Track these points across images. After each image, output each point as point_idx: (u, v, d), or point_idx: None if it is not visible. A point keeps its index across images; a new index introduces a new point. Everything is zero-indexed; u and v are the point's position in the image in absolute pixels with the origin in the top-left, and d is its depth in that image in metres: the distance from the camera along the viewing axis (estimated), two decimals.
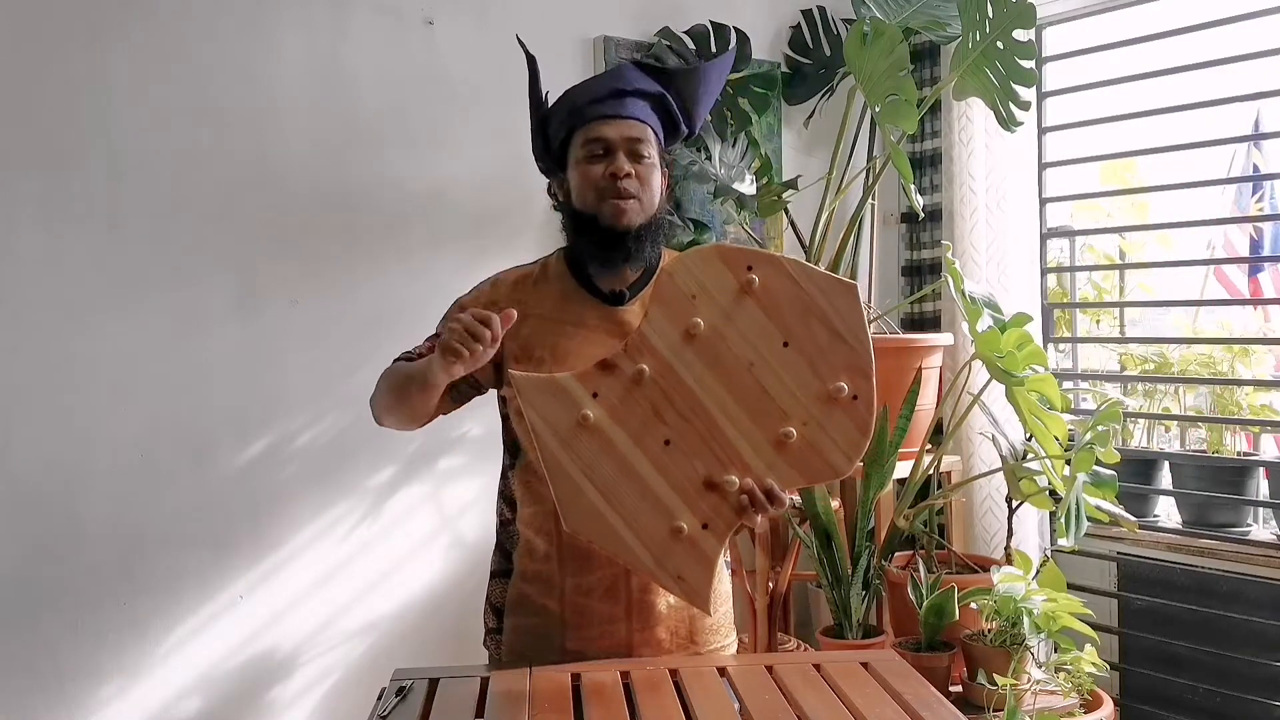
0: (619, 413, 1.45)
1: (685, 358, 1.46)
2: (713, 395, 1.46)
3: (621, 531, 1.45)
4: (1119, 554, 2.89)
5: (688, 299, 1.46)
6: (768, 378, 1.46)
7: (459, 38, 2.70)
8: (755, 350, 1.46)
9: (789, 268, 1.47)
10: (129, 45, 2.32)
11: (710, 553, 1.47)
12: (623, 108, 1.58)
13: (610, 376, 1.45)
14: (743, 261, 1.47)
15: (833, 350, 1.46)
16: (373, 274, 2.61)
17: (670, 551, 1.45)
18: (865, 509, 2.58)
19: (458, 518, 2.73)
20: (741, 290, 1.46)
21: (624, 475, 1.45)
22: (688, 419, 1.45)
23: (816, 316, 1.47)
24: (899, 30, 2.54)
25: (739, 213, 2.83)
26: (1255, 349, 2.98)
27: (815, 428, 1.46)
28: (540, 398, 1.45)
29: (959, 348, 2.99)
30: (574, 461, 1.44)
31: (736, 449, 1.46)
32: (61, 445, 2.27)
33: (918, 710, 1.38)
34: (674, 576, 1.46)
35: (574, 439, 1.44)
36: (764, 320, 1.46)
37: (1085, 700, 2.36)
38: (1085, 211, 3.50)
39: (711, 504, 1.46)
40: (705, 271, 1.47)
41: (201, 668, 2.42)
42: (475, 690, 1.47)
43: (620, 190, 1.55)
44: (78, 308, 2.28)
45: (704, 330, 1.45)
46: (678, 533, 1.45)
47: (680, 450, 1.46)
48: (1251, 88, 2.72)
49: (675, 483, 1.45)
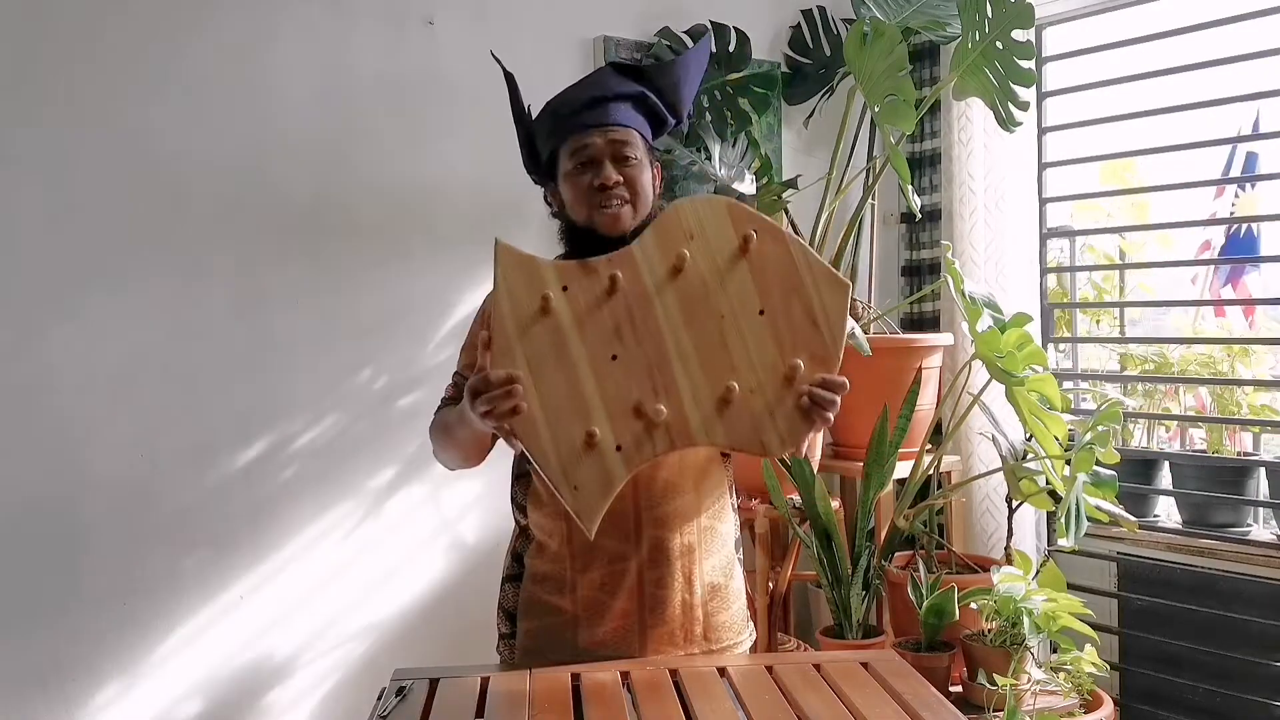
0: (581, 314, 1.44)
1: (662, 287, 1.46)
2: (675, 331, 1.45)
3: (539, 425, 1.42)
4: (1119, 554, 2.89)
5: (684, 236, 1.46)
6: (733, 335, 1.45)
7: (459, 38, 2.70)
8: (730, 306, 1.46)
9: (790, 245, 1.47)
10: (129, 45, 2.32)
11: (614, 472, 1.43)
12: (605, 115, 1.59)
13: (587, 278, 1.45)
14: (748, 223, 1.47)
15: (804, 333, 1.45)
16: (373, 274, 2.61)
17: (578, 459, 1.42)
18: (865, 509, 2.58)
19: (458, 519, 2.73)
20: (738, 248, 1.46)
21: (562, 371, 1.43)
22: (642, 344, 1.45)
23: (800, 299, 1.46)
24: (899, 30, 2.54)
25: None
26: (1255, 349, 2.98)
27: (760, 399, 1.44)
28: (515, 273, 1.44)
29: (959, 348, 2.99)
30: (521, 343, 1.43)
31: (678, 389, 1.44)
32: (61, 446, 2.27)
33: (918, 710, 1.38)
34: (571, 485, 1.43)
35: (530, 322, 1.43)
36: (749, 282, 1.46)
37: (1085, 700, 2.36)
38: (1085, 211, 3.50)
39: (632, 429, 1.43)
40: (710, 218, 1.47)
41: (202, 668, 2.42)
42: (475, 690, 1.47)
43: (610, 199, 1.57)
44: (78, 308, 2.28)
45: (689, 268, 1.45)
46: (590, 438, 1.42)
47: (624, 369, 1.44)
48: (1250, 88, 2.72)
49: (606, 395, 1.43)
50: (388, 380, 2.64)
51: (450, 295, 2.70)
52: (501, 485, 1.73)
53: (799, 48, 3.22)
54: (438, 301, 2.69)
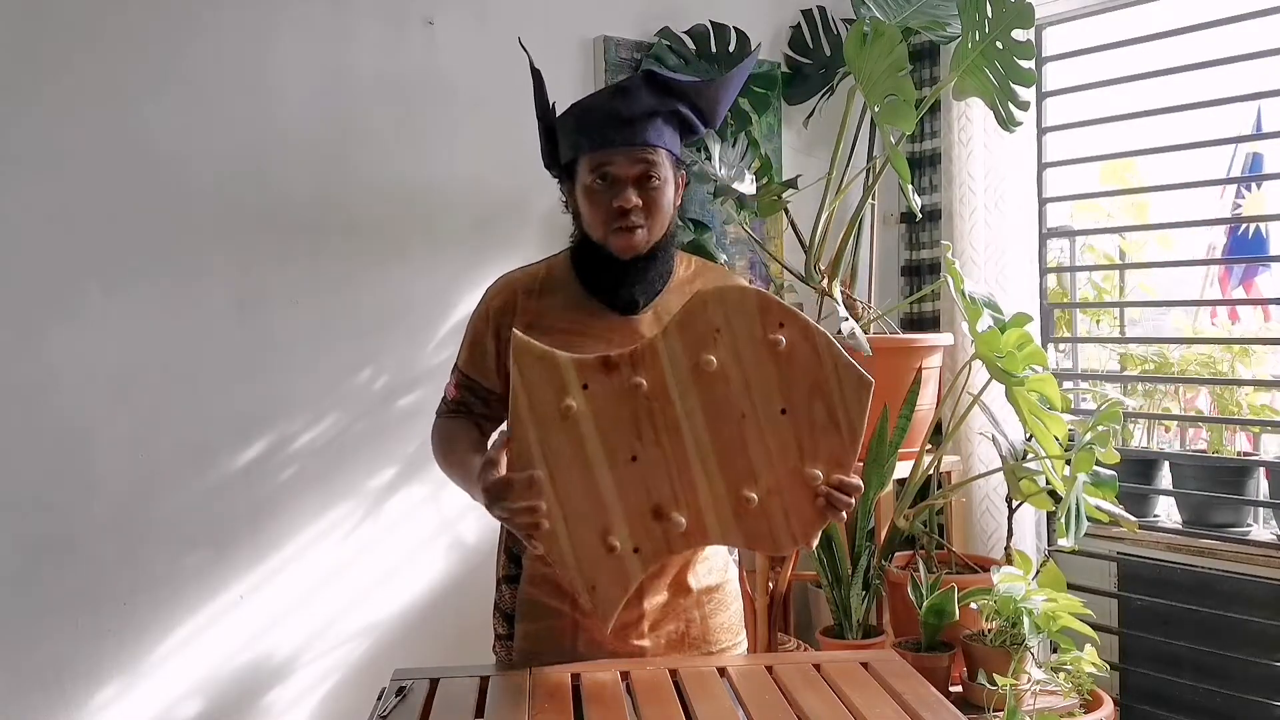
0: (602, 412, 1.43)
1: (685, 386, 1.44)
2: (695, 431, 1.44)
3: (558, 527, 1.42)
4: (1119, 554, 2.89)
5: (711, 331, 1.44)
6: (753, 435, 1.45)
7: (459, 38, 2.70)
8: (752, 405, 1.44)
9: (817, 339, 1.45)
10: (130, 45, 2.32)
11: (631, 574, 1.45)
12: (633, 135, 1.52)
13: (607, 375, 1.43)
14: (776, 317, 1.45)
15: (825, 435, 1.45)
16: (373, 274, 2.61)
17: (596, 562, 1.43)
18: (865, 509, 2.58)
19: (458, 519, 2.72)
20: (764, 344, 1.44)
21: (581, 473, 1.42)
22: (662, 444, 1.44)
23: (823, 399, 1.45)
24: (899, 30, 2.54)
25: (739, 212, 2.83)
26: (1255, 349, 2.98)
27: (777, 501, 1.45)
28: (534, 369, 1.42)
29: (959, 348, 2.99)
30: (540, 443, 1.42)
31: (695, 490, 1.44)
32: (61, 445, 2.27)
33: (918, 710, 1.38)
34: (588, 585, 1.44)
35: (549, 422, 1.42)
36: (774, 379, 1.44)
37: (1085, 700, 2.36)
38: (1085, 211, 3.50)
39: (651, 531, 1.44)
40: (738, 312, 1.44)
41: (202, 668, 2.42)
42: (475, 690, 1.47)
43: (627, 223, 1.54)
44: (78, 308, 2.28)
45: (714, 369, 1.44)
46: (611, 549, 1.43)
47: (643, 470, 1.43)
48: (1251, 87, 2.72)
49: (626, 499, 1.43)
50: (388, 380, 2.64)
51: (450, 295, 2.70)
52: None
53: (799, 48, 3.22)
54: (437, 301, 2.69)
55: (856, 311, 2.91)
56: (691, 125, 1.60)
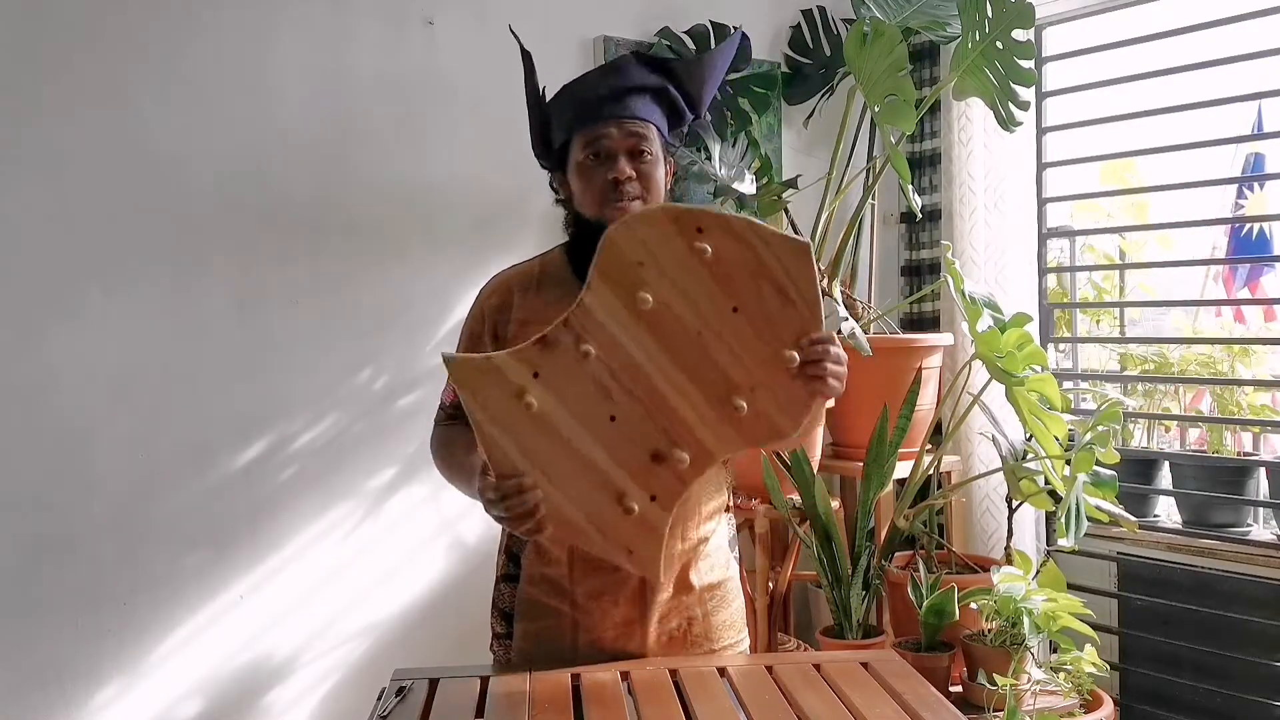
0: (562, 391, 1.40)
1: (632, 332, 1.40)
2: (661, 368, 1.41)
3: (567, 509, 1.41)
4: (1119, 554, 2.89)
5: (634, 266, 1.40)
6: (715, 345, 1.41)
7: (459, 38, 2.70)
8: (703, 318, 1.41)
9: (738, 228, 1.41)
10: (130, 45, 2.32)
11: (658, 523, 1.42)
12: (624, 107, 1.55)
13: (552, 353, 1.40)
14: (692, 223, 1.40)
15: (783, 315, 1.41)
16: (373, 274, 2.61)
17: (618, 527, 1.41)
18: (865, 509, 2.58)
19: (458, 519, 2.72)
20: (690, 254, 1.40)
21: (567, 455, 1.40)
22: (634, 394, 1.41)
23: (766, 279, 1.41)
24: (899, 30, 2.54)
25: (739, 213, 2.83)
26: (1255, 349, 2.99)
27: (763, 393, 1.41)
28: (477, 381, 1.39)
29: (959, 348, 2.99)
30: (514, 444, 1.39)
31: (684, 422, 1.41)
32: (61, 445, 2.27)
33: (918, 710, 1.38)
34: (624, 551, 1.42)
35: (514, 422, 1.39)
36: (713, 286, 1.40)
37: (1085, 700, 2.36)
38: (1085, 211, 3.50)
39: (659, 476, 1.41)
40: (653, 235, 1.40)
41: (202, 668, 2.42)
42: (475, 690, 1.47)
43: (622, 194, 1.54)
44: (78, 308, 2.28)
45: (650, 304, 1.39)
46: (629, 511, 1.41)
47: (626, 426, 1.41)
48: (1251, 87, 2.72)
49: (621, 459, 1.41)
50: (388, 380, 2.64)
51: (450, 295, 2.70)
52: None
53: (799, 48, 3.22)
54: (437, 301, 2.69)
55: (856, 311, 2.91)
56: (678, 110, 1.62)
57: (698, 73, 1.63)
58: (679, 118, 1.64)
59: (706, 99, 1.66)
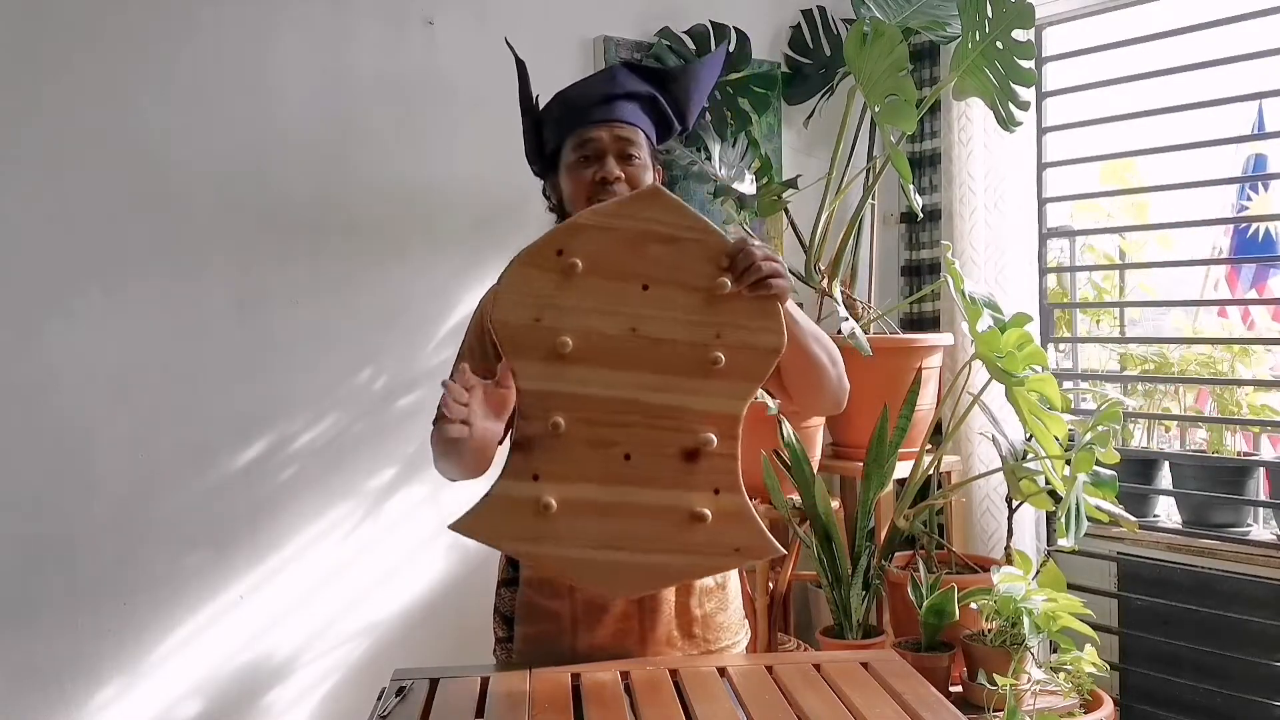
0: (568, 474, 1.37)
1: (577, 377, 1.37)
2: (628, 386, 1.38)
3: (659, 561, 1.39)
4: (1119, 554, 2.89)
5: (532, 326, 1.38)
6: (657, 328, 1.38)
7: (459, 38, 2.70)
8: (626, 316, 1.38)
9: (589, 222, 1.40)
10: (130, 45, 2.32)
11: (739, 507, 1.39)
12: (612, 111, 1.59)
13: (534, 450, 1.38)
14: (549, 251, 1.39)
15: (685, 257, 1.38)
16: (373, 274, 2.61)
17: (709, 539, 1.38)
18: (865, 509, 2.58)
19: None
20: (567, 277, 1.37)
21: (613, 517, 1.37)
22: (625, 422, 1.38)
23: (647, 241, 1.39)
24: (899, 30, 2.54)
25: (739, 212, 2.83)
26: (1255, 349, 2.98)
27: (730, 332, 1.38)
28: (493, 524, 1.38)
29: (959, 348, 2.99)
30: (561, 545, 1.37)
31: (684, 408, 1.39)
32: (61, 445, 2.26)
33: (918, 710, 1.38)
34: (732, 554, 1.39)
35: (546, 530, 1.37)
36: (608, 284, 1.38)
37: (1085, 700, 2.36)
38: (1085, 211, 3.50)
39: (705, 469, 1.39)
40: (525, 288, 1.38)
41: (202, 668, 2.42)
42: (475, 690, 1.47)
43: (610, 194, 1.56)
44: (78, 308, 2.28)
45: (573, 343, 1.37)
46: (703, 520, 1.37)
47: (642, 451, 1.39)
48: (1251, 87, 2.72)
49: (661, 482, 1.39)
50: (388, 380, 2.64)
51: (450, 295, 2.70)
52: None
53: (799, 48, 3.22)
54: (437, 301, 2.69)
55: (856, 311, 2.91)
56: (666, 120, 1.65)
57: (686, 83, 1.66)
58: (667, 128, 1.67)
59: (694, 111, 1.69)
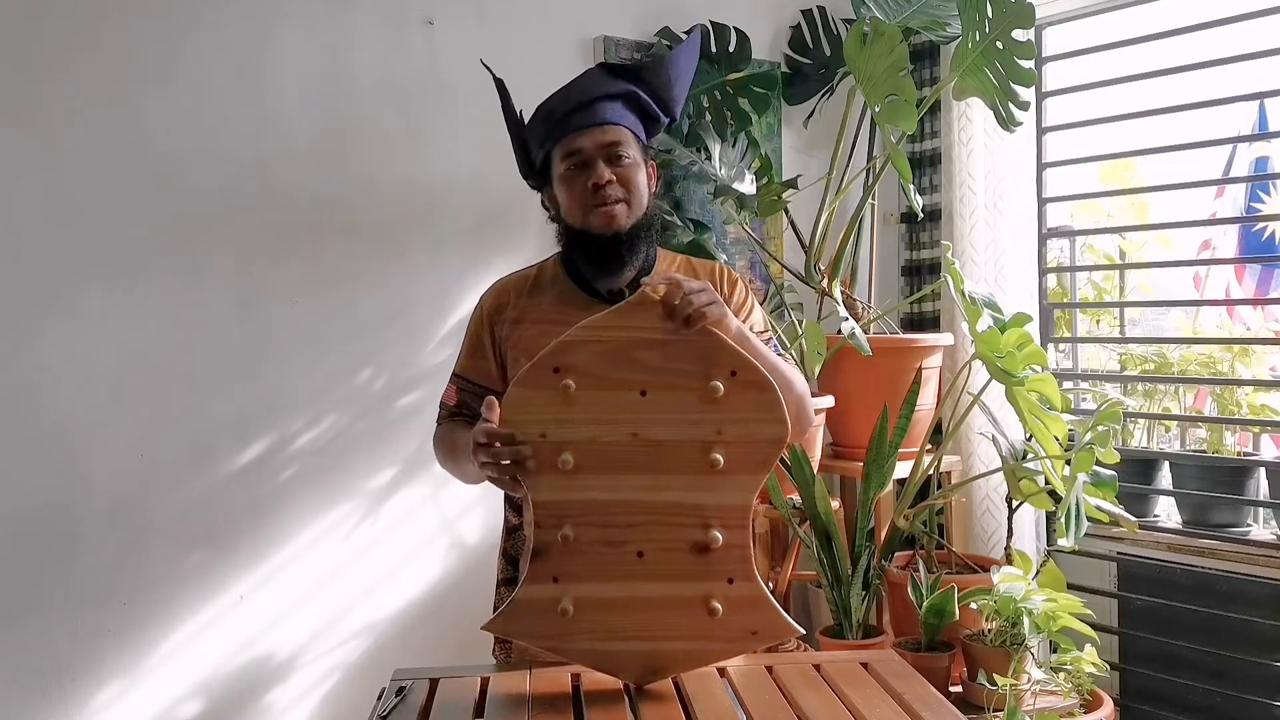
0: (585, 574, 1.41)
1: (583, 488, 1.40)
2: (634, 490, 1.41)
3: (673, 650, 1.42)
4: (1119, 554, 2.89)
5: (538, 443, 1.40)
6: (657, 431, 1.40)
7: (459, 38, 2.70)
8: (626, 423, 1.40)
9: (580, 338, 1.41)
10: (130, 45, 2.32)
11: (753, 592, 1.42)
12: (593, 115, 1.58)
13: (551, 556, 1.41)
14: (546, 369, 1.40)
15: (674, 359, 1.40)
16: (373, 274, 2.60)
17: (723, 626, 1.41)
18: (865, 509, 2.58)
19: (458, 519, 2.72)
20: (568, 397, 1.39)
21: (632, 611, 1.41)
22: (634, 524, 1.41)
23: (635, 348, 1.40)
24: (899, 30, 2.54)
25: (739, 213, 2.83)
26: (1255, 349, 2.98)
27: (730, 426, 1.40)
28: (522, 623, 1.42)
29: (959, 348, 2.99)
30: (585, 640, 1.41)
31: (690, 504, 1.41)
32: (61, 445, 2.26)
33: (918, 710, 1.38)
34: (746, 637, 1.43)
35: (570, 627, 1.41)
36: (605, 395, 1.40)
37: (1085, 700, 2.36)
38: (1085, 211, 3.50)
39: (716, 561, 1.41)
40: (528, 409, 1.40)
41: (202, 668, 2.42)
42: (475, 690, 1.47)
43: (604, 198, 1.56)
44: (77, 308, 2.28)
45: (574, 458, 1.39)
46: (714, 612, 1.41)
47: (653, 548, 1.41)
48: (1251, 87, 2.72)
49: (675, 575, 1.41)
50: (388, 380, 2.64)
51: (450, 295, 2.70)
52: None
53: (799, 48, 3.22)
54: (438, 301, 2.69)
55: (856, 311, 2.91)
56: (651, 113, 1.65)
57: (663, 73, 1.65)
58: (654, 122, 1.66)
59: (678, 99, 1.68)
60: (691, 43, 1.74)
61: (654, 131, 1.69)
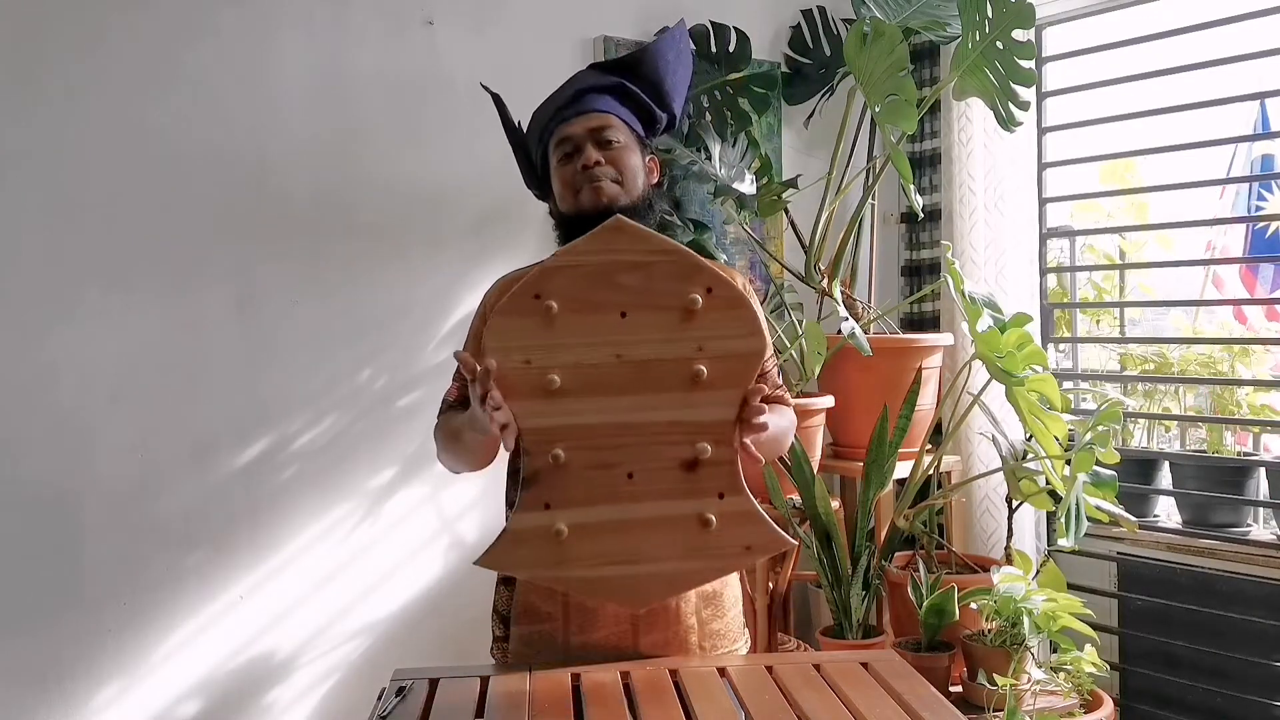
0: (577, 499, 1.42)
1: (570, 409, 1.42)
2: (621, 410, 1.42)
3: (670, 568, 1.43)
4: (1119, 554, 2.89)
5: (523, 369, 1.41)
6: (640, 350, 1.42)
7: (459, 38, 2.70)
8: (608, 344, 1.42)
9: (558, 262, 1.43)
10: (130, 45, 2.32)
11: (744, 507, 1.43)
12: (581, 104, 1.61)
13: (541, 482, 1.42)
14: (526, 296, 1.42)
15: (657, 279, 1.42)
16: (373, 274, 2.60)
17: (716, 541, 1.43)
18: (865, 509, 2.58)
19: (457, 519, 2.72)
20: (549, 319, 1.41)
21: (625, 533, 1.42)
22: (623, 445, 1.43)
23: (615, 271, 1.42)
24: (899, 30, 2.54)
25: (739, 213, 2.83)
26: (1255, 349, 2.98)
27: (712, 343, 1.43)
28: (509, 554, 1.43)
29: (959, 348, 2.99)
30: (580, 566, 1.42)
31: (677, 421, 1.43)
32: (61, 445, 2.26)
33: (918, 710, 1.38)
34: (743, 553, 1.44)
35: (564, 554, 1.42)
36: (588, 319, 1.42)
37: (1085, 700, 2.36)
38: (1085, 211, 3.50)
39: (706, 476, 1.43)
40: (510, 335, 1.42)
41: (202, 668, 2.42)
42: (475, 690, 1.47)
43: (592, 175, 1.58)
44: (77, 308, 2.28)
45: (561, 378, 1.41)
46: (709, 524, 1.42)
47: (642, 467, 1.43)
48: (1251, 87, 2.72)
49: (665, 493, 1.43)
50: (388, 380, 2.64)
51: (450, 296, 2.70)
52: (501, 485, 1.73)
53: (799, 48, 3.22)
54: (438, 301, 2.69)
55: (856, 311, 2.91)
56: (646, 108, 1.66)
57: (651, 62, 1.66)
58: (650, 118, 1.68)
59: (673, 95, 1.69)
60: (677, 36, 1.73)
61: (654, 129, 1.69)
